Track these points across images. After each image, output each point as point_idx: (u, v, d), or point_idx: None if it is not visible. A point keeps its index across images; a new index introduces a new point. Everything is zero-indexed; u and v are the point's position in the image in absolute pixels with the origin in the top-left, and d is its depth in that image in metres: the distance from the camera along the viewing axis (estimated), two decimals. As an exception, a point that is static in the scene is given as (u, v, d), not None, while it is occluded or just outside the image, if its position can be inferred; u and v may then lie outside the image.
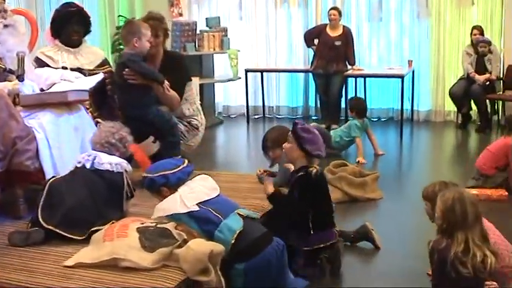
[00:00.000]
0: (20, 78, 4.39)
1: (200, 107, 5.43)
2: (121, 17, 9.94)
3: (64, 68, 4.99)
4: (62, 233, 3.56)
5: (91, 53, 5.24)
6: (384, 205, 5.74)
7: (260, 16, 10.62)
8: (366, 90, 9.95)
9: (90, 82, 4.88)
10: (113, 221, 3.61)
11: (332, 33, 9.20)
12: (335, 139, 7.50)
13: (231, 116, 10.81)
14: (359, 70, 9.34)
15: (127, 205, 3.97)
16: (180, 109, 5.12)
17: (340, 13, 9.25)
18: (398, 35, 10.11)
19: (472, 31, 9.21)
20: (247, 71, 10.16)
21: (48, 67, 4.99)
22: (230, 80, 10.07)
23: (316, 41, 9.38)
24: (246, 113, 10.26)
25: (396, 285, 3.95)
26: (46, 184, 3.79)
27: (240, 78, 10.07)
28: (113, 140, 3.98)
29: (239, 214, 3.55)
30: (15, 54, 4.45)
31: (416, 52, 9.98)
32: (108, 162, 3.87)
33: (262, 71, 10.46)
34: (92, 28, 5.35)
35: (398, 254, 4.47)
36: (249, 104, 10.28)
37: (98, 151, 3.94)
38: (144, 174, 3.71)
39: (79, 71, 5.01)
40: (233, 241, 3.40)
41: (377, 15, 10.23)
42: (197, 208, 3.46)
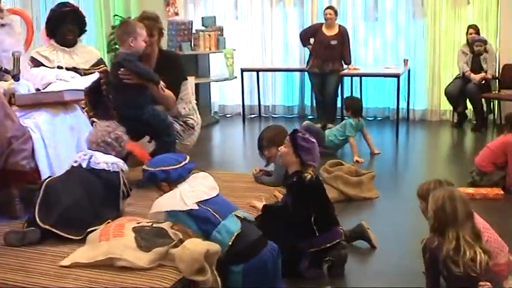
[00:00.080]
0: (16, 78, 4.38)
1: (196, 106, 5.43)
2: (117, 17, 9.92)
3: (59, 68, 4.98)
4: (59, 233, 3.55)
5: (86, 53, 5.23)
6: (380, 204, 5.75)
7: (256, 15, 10.61)
8: (362, 89, 9.93)
9: (85, 82, 4.87)
10: (109, 221, 3.61)
11: (328, 32, 9.20)
12: (329, 138, 7.51)
13: (227, 116, 10.81)
14: (355, 69, 9.34)
15: (123, 204, 3.97)
16: (176, 108, 5.12)
17: (336, 12, 9.26)
18: (394, 35, 10.11)
19: (468, 30, 9.22)
20: (243, 70, 10.14)
21: (43, 67, 4.99)
22: (226, 80, 10.06)
23: (312, 40, 9.38)
24: (242, 112, 10.25)
25: (392, 284, 3.95)
26: (42, 184, 3.78)
27: (236, 77, 10.06)
28: (109, 139, 3.97)
29: (237, 216, 3.55)
30: (10, 54, 4.44)
31: (412, 51, 9.98)
32: (104, 161, 3.86)
33: (258, 70, 10.45)
34: (88, 28, 5.35)
35: (394, 253, 4.48)
36: (245, 103, 10.26)
37: (94, 150, 3.93)
38: (145, 167, 3.70)
39: (74, 71, 5.00)
40: (230, 243, 3.40)
41: (373, 14, 10.22)
42: (196, 207, 3.45)
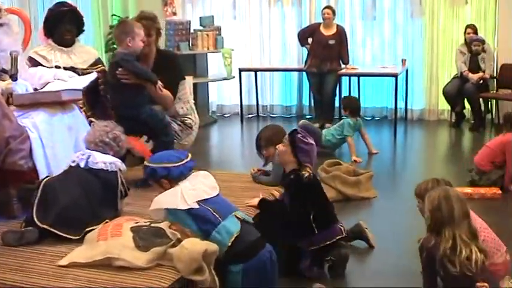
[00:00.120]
0: (14, 77, 4.37)
1: (194, 106, 5.42)
2: (114, 16, 9.92)
3: (57, 67, 4.97)
4: (58, 233, 3.54)
5: (84, 52, 5.22)
6: (378, 204, 5.75)
7: (254, 15, 10.61)
8: (360, 89, 9.94)
9: (83, 81, 4.86)
10: (107, 220, 3.61)
11: (326, 32, 9.21)
12: (327, 137, 7.50)
13: (225, 115, 10.81)
14: (353, 69, 9.35)
15: (121, 204, 3.96)
16: (174, 108, 5.11)
17: (334, 12, 9.27)
18: (392, 34, 10.12)
19: (466, 30, 9.23)
20: (241, 70, 10.15)
21: (41, 66, 4.98)
22: (224, 79, 10.07)
23: (310, 40, 9.39)
24: (240, 112, 10.25)
25: (390, 284, 3.95)
26: (40, 183, 3.77)
27: (234, 77, 10.07)
28: (107, 139, 3.97)
29: (236, 217, 3.55)
30: (8, 53, 4.44)
31: (410, 51, 9.99)
32: (102, 161, 3.86)
33: (256, 70, 10.45)
34: (86, 27, 5.33)
35: (392, 253, 4.48)
36: (243, 103, 10.28)
37: (92, 150, 3.93)
38: (146, 163, 3.69)
39: (72, 70, 4.99)
40: (229, 244, 3.41)
41: (371, 14, 10.23)
42: (197, 206, 3.45)
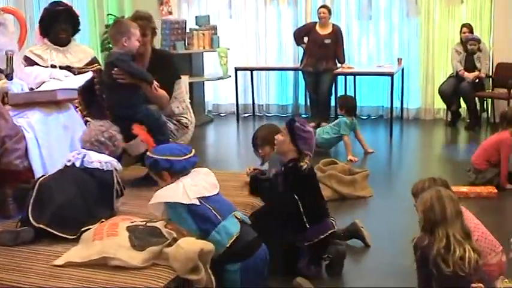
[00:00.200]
0: (9, 77, 4.35)
1: (190, 105, 5.41)
2: (110, 16, 9.90)
3: (53, 67, 4.97)
4: (53, 232, 3.53)
5: (80, 52, 5.22)
6: (374, 203, 5.76)
7: (250, 14, 10.61)
8: (356, 88, 9.94)
9: (79, 81, 4.86)
10: (103, 220, 3.60)
11: (322, 31, 9.21)
12: (322, 136, 7.49)
13: (221, 115, 10.81)
14: (349, 68, 9.36)
15: (117, 203, 3.96)
16: (170, 108, 5.10)
17: (329, 11, 9.27)
18: (387, 33, 10.13)
19: (461, 29, 9.25)
20: (237, 69, 10.14)
21: (37, 66, 4.97)
22: (220, 79, 10.06)
23: (305, 39, 9.39)
24: (236, 111, 10.25)
25: (386, 283, 3.96)
26: (35, 183, 3.76)
27: (230, 76, 10.06)
28: (103, 139, 3.97)
29: (236, 217, 3.55)
30: (4, 52, 4.43)
31: (405, 50, 10.00)
32: (97, 160, 3.85)
33: (252, 69, 10.46)
34: (81, 27, 5.32)
35: (388, 252, 4.49)
36: (239, 102, 10.27)
37: (88, 149, 3.92)
38: (149, 153, 3.67)
39: (68, 70, 4.99)
40: (228, 245, 3.41)
41: (366, 13, 10.24)
42: (198, 203, 3.44)
